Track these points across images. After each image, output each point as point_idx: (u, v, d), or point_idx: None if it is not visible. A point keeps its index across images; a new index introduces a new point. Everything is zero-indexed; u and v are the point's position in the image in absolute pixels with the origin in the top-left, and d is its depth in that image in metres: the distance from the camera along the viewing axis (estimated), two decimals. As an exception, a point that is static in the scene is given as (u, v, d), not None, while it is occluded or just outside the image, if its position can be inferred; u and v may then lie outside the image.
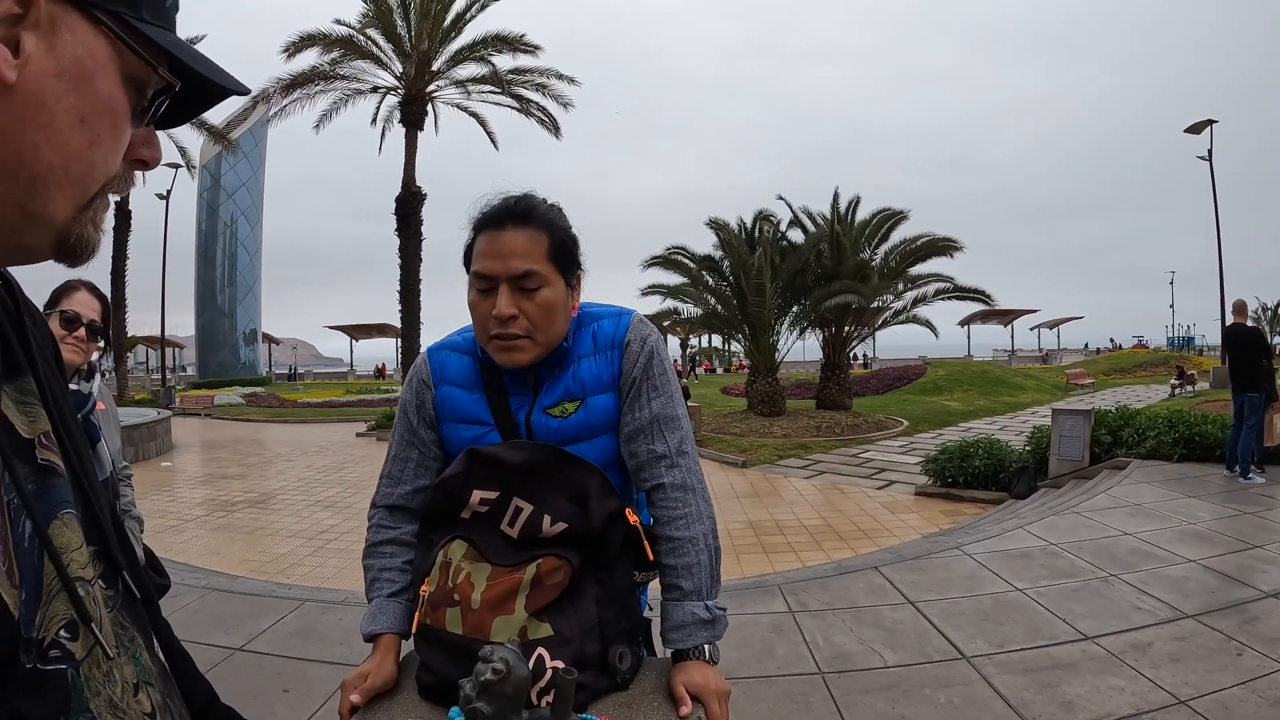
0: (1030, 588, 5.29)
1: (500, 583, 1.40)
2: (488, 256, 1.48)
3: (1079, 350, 75.03)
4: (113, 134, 0.60)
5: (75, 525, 0.66)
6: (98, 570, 0.68)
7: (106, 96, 0.59)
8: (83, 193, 0.60)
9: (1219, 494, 8.03)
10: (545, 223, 1.51)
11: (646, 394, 1.58)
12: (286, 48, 22.06)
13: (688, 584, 1.52)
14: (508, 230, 1.48)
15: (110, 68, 0.59)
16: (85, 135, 0.58)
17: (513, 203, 1.52)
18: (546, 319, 1.50)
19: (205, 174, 60.06)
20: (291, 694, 4.05)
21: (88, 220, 0.62)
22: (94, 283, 2.67)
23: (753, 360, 21.35)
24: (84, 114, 0.57)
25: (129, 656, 0.68)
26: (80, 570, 0.64)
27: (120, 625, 0.70)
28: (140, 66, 0.61)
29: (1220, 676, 3.88)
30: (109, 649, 0.63)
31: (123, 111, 0.61)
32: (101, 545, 0.71)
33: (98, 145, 0.59)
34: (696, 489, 1.58)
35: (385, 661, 1.51)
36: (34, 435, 0.64)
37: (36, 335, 0.72)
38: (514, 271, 1.46)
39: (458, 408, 1.62)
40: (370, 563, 1.65)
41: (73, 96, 0.56)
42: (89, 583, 0.65)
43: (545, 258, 1.49)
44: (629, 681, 1.46)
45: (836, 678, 4.09)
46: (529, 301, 1.48)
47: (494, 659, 1.13)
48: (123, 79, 0.60)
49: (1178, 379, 27.50)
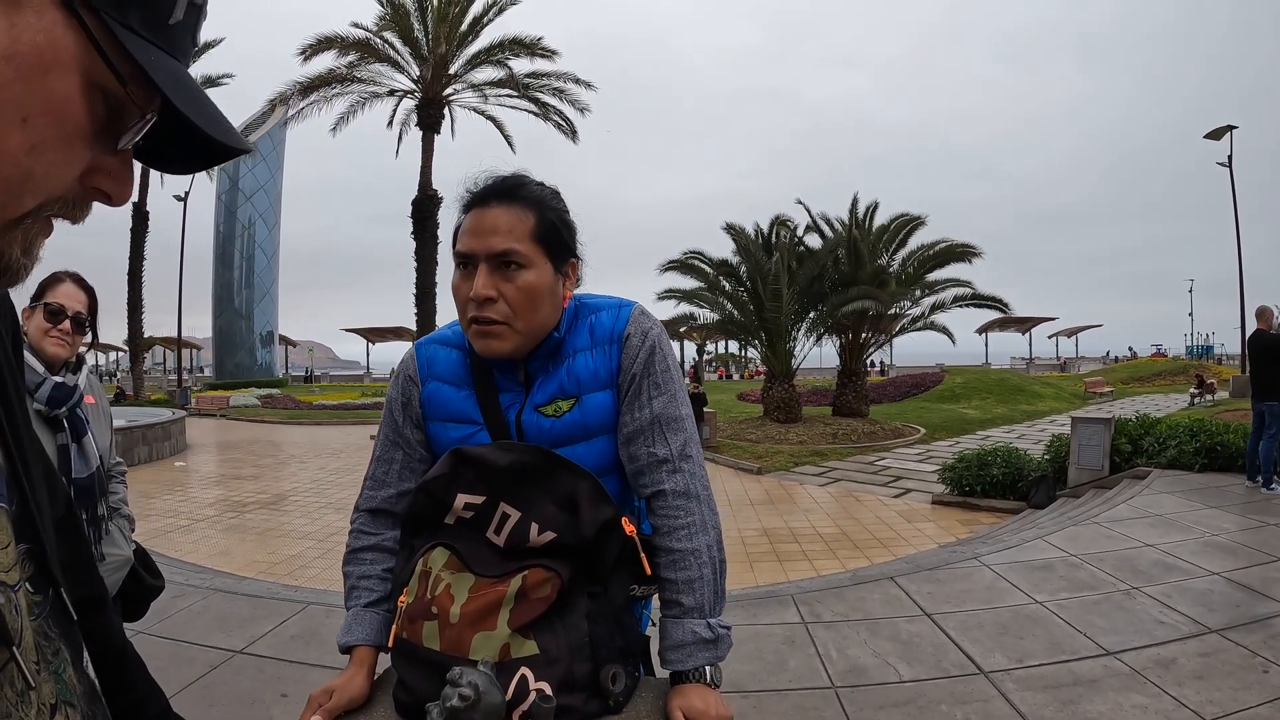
0: (1050, 600, 5.17)
1: (482, 595, 1.31)
2: (469, 234, 1.40)
3: (1097, 359, 74.64)
4: (61, 145, 0.51)
5: (4, 521, 0.59)
6: (25, 573, 0.62)
7: (60, 99, 0.50)
8: (12, 203, 0.51)
9: (1241, 504, 7.90)
10: (533, 201, 1.42)
11: (647, 392, 1.47)
12: (303, 50, 22.18)
13: (688, 600, 1.40)
14: (492, 207, 1.40)
15: (72, 67, 0.49)
16: (24, 136, 0.49)
17: (500, 180, 1.44)
18: (527, 304, 1.39)
19: (223, 177, 60.44)
20: (290, 698, 4.00)
21: (14, 239, 0.53)
22: (80, 274, 2.59)
23: (769, 366, 21.30)
24: (27, 111, 0.49)
25: (50, 673, 0.62)
26: (3, 574, 0.57)
27: (45, 636, 0.63)
28: (109, 77, 0.51)
29: (1246, 695, 3.76)
30: (29, 673, 0.56)
31: (77, 122, 0.51)
32: (34, 544, 0.64)
33: (38, 153, 0.50)
34: (701, 496, 1.46)
35: (356, 676, 1.42)
36: None
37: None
38: (493, 249, 1.37)
39: (445, 405, 1.52)
40: (349, 570, 1.56)
41: (19, 86, 0.48)
42: (11, 588, 0.58)
43: (529, 237, 1.39)
44: (622, 705, 1.35)
45: (850, 692, 3.99)
46: (508, 284, 1.38)
47: (462, 683, 1.03)
48: (86, 85, 0.51)
49: (1197, 388, 27.28)
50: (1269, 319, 9.22)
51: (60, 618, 0.67)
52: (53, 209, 0.54)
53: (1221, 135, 27.98)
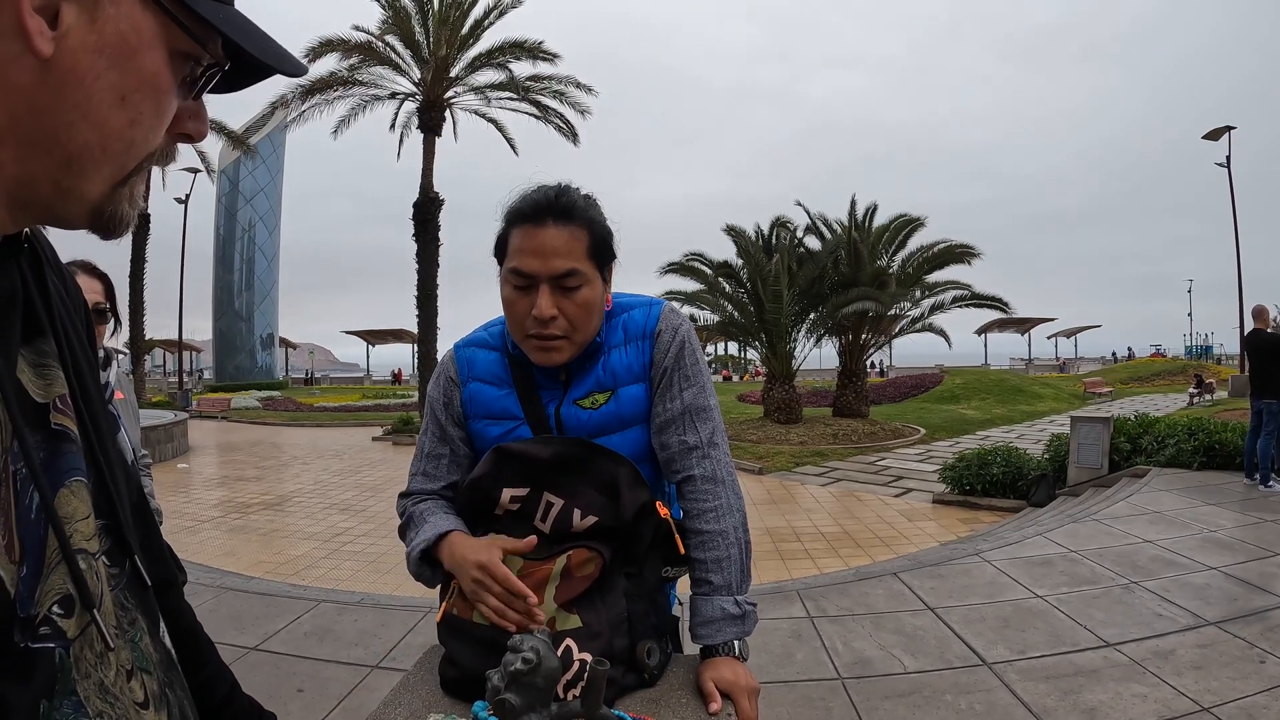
0: (1051, 594, 5.24)
1: (530, 573, 1.38)
2: (528, 254, 1.43)
3: (1096, 359, 74.53)
4: (155, 112, 0.59)
5: (84, 494, 0.63)
6: (103, 545, 0.65)
7: (151, 74, 0.57)
8: (120, 170, 0.58)
9: (1239, 501, 7.97)
10: (586, 219, 1.46)
11: (678, 384, 1.54)
12: (305, 53, 22.13)
13: (717, 578, 1.49)
14: (549, 227, 1.43)
15: (157, 44, 0.57)
16: (125, 114, 0.56)
17: (553, 196, 1.46)
18: (585, 318, 1.46)
19: (224, 179, 60.42)
20: (306, 694, 4.06)
21: (124, 196, 0.60)
22: (92, 262, 2.57)
23: (769, 367, 21.28)
24: (125, 92, 0.56)
25: (127, 640, 0.65)
26: (84, 542, 0.61)
27: (122, 606, 0.67)
28: (190, 43, 0.59)
29: (1243, 684, 3.84)
30: (107, 632, 0.60)
31: (168, 88, 0.59)
32: (111, 520, 0.68)
33: (138, 124, 0.57)
34: (727, 481, 1.54)
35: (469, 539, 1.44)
36: (49, 399, 0.62)
37: (62, 295, 0.70)
38: (556, 271, 1.42)
39: (487, 404, 1.59)
40: (415, 510, 1.58)
41: (114, 73, 0.54)
42: (92, 556, 0.62)
43: (585, 255, 1.44)
44: (657, 678, 1.44)
45: (856, 683, 4.06)
46: (569, 301, 1.44)
47: (524, 648, 1.10)
48: (169, 55, 0.58)
49: (1196, 387, 27.25)
50: (1266, 318, 9.30)
51: (136, 589, 0.70)
52: (150, 161, 0.62)
53: (1220, 136, 28.00)
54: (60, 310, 0.68)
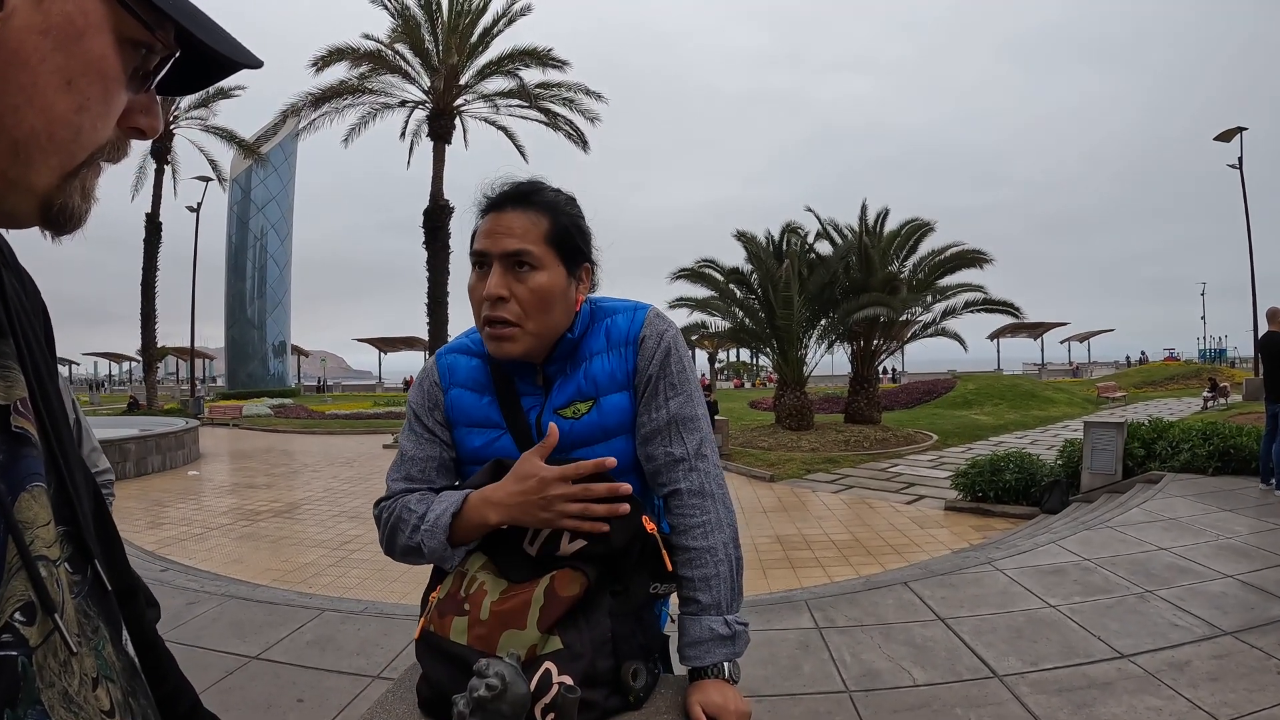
0: (1064, 604, 5.16)
1: (514, 595, 1.34)
2: (484, 235, 1.43)
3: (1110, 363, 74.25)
4: (103, 99, 0.57)
5: (45, 500, 0.61)
6: (65, 552, 0.63)
7: (98, 59, 0.55)
8: (69, 159, 0.57)
9: (1255, 507, 7.83)
10: (548, 205, 1.45)
11: (664, 392, 1.48)
12: (315, 62, 22.29)
13: (705, 597, 1.43)
14: (507, 211, 1.43)
15: (104, 28, 0.55)
16: (72, 98, 0.54)
17: (515, 185, 1.47)
18: (538, 305, 1.41)
19: (236, 187, 60.59)
20: (306, 704, 4.02)
21: (74, 189, 0.58)
22: None
23: (780, 374, 21.27)
24: (71, 76, 0.54)
25: (90, 649, 0.63)
26: (45, 549, 0.59)
27: (84, 614, 0.65)
28: (139, 29, 0.57)
29: (1261, 696, 3.75)
30: (70, 639, 0.58)
31: (115, 75, 0.57)
32: (72, 526, 0.66)
33: (86, 110, 0.56)
34: (716, 495, 1.48)
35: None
36: (9, 401, 0.60)
37: (20, 296, 0.69)
38: (506, 249, 1.40)
39: (468, 411, 1.54)
40: (404, 501, 1.52)
41: (59, 56, 0.53)
42: (53, 563, 0.60)
43: (543, 240, 1.42)
44: (643, 700, 1.38)
45: (865, 696, 3.99)
46: (520, 284, 1.40)
47: (489, 673, 1.05)
48: (118, 40, 0.56)
49: (1210, 391, 27.10)
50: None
51: (98, 596, 0.68)
52: (101, 155, 0.59)
53: (1231, 137, 27.89)
54: (19, 311, 0.66)
